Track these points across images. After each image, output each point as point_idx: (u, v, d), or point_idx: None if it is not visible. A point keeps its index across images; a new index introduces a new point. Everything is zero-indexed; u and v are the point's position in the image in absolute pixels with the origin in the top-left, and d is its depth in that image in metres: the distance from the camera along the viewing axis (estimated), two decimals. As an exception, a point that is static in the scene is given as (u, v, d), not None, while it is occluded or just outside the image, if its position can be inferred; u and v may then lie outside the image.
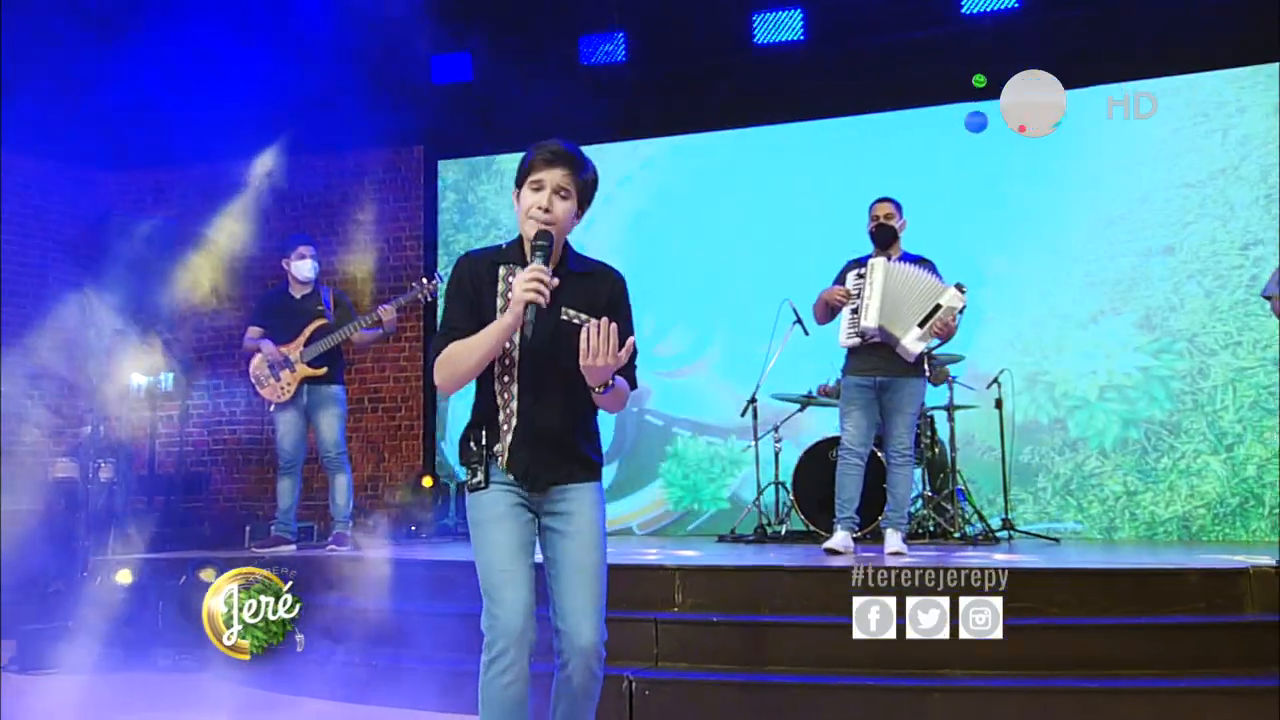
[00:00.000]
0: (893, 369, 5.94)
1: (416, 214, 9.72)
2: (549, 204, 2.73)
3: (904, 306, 5.83)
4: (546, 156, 2.74)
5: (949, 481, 7.21)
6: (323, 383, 6.76)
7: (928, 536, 7.01)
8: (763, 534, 7.46)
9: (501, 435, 2.81)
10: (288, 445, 6.80)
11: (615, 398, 2.77)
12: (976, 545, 6.73)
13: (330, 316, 6.77)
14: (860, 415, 5.99)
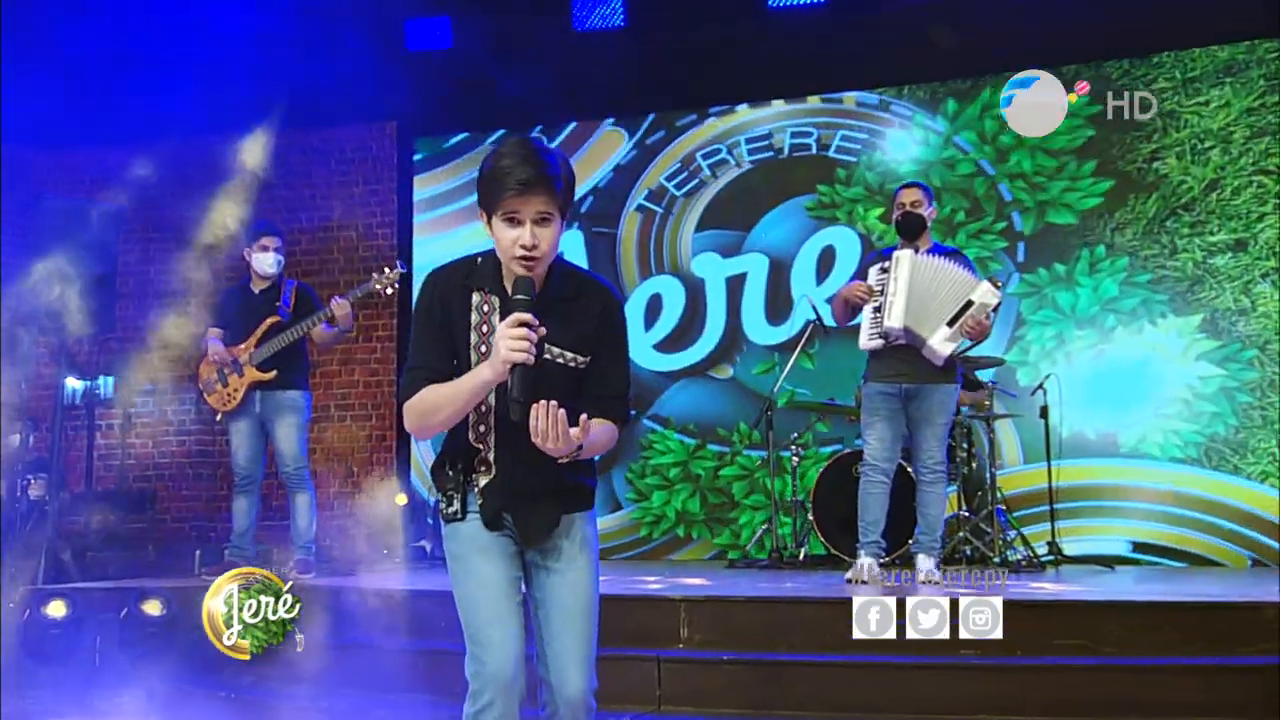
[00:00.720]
0: (920, 374, 5.92)
1: (389, 198, 9.75)
2: (532, 239, 2.63)
3: (932, 304, 5.82)
4: (517, 187, 2.60)
5: (987, 500, 7.18)
6: (276, 388, 6.71)
7: (964, 562, 7.02)
8: (778, 559, 7.47)
9: (478, 475, 2.79)
10: (242, 459, 6.78)
11: (586, 452, 2.70)
12: (1019, 572, 6.73)
13: (286, 314, 6.73)
14: (885, 427, 5.98)
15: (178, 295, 9.65)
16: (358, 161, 9.80)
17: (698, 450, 9.03)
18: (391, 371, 9.59)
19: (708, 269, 9.24)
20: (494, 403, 2.71)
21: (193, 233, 8.97)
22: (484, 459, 2.75)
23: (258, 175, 9.32)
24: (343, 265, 9.69)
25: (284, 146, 9.58)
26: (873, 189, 8.89)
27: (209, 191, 9.07)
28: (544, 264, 2.66)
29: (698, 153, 9.35)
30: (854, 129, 9.02)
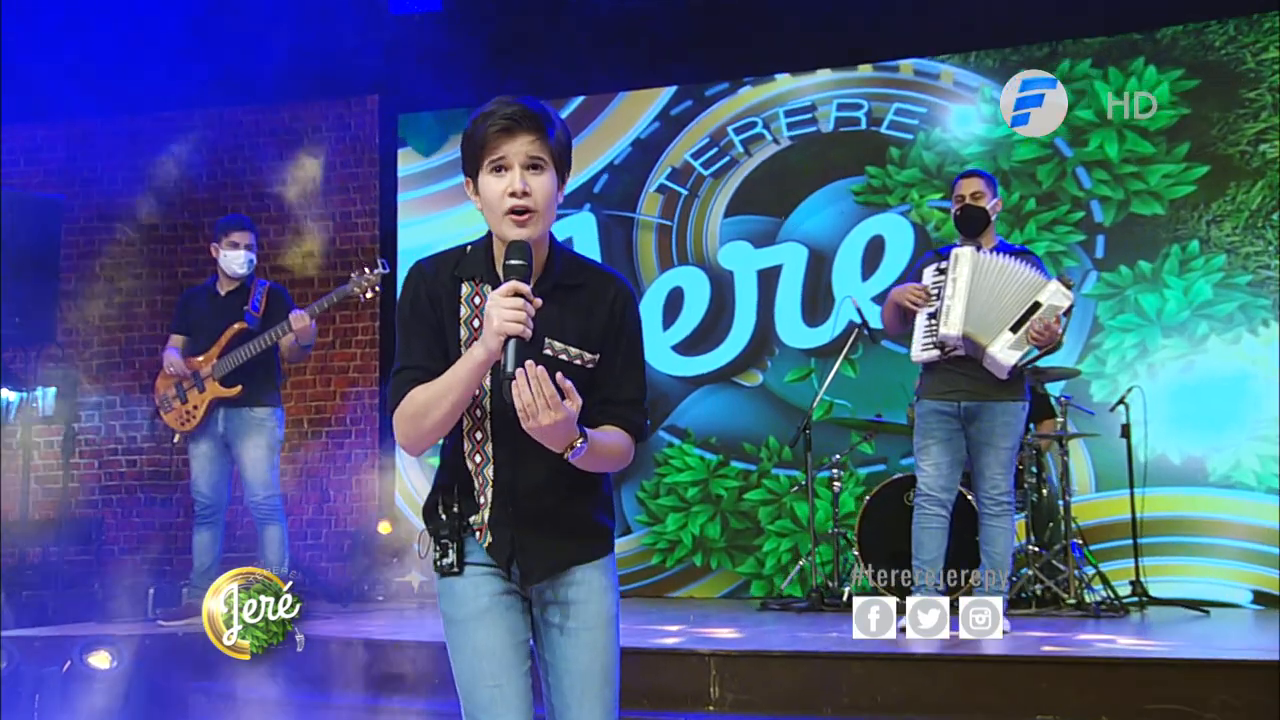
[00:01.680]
0: (983, 390, 5.92)
1: (371, 183, 9.80)
2: (523, 184, 2.64)
3: (995, 308, 5.81)
4: (502, 123, 2.64)
5: (1060, 532, 7.17)
6: (242, 404, 6.70)
7: (1034, 605, 6.99)
8: (818, 599, 7.43)
9: (478, 506, 2.76)
10: (204, 486, 6.78)
11: (596, 457, 2.64)
12: (1099, 617, 6.71)
13: (253, 320, 6.73)
14: (941, 451, 5.98)
15: (129, 295, 9.73)
16: (334, 140, 9.83)
17: (719, 468, 9.04)
18: (374, 380, 9.61)
19: (737, 260, 9.23)
20: (490, 406, 2.70)
21: (146, 224, 9.13)
22: (482, 476, 2.74)
23: (220, 158, 9.51)
24: (317, 259, 9.68)
25: (250, 124, 9.76)
26: (930, 171, 8.84)
27: (164, 177, 9.21)
28: (540, 222, 2.65)
29: (729, 126, 9.32)
30: (911, 102, 8.96)
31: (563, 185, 2.73)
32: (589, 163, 9.40)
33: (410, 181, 9.87)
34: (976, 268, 5.86)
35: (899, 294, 6.05)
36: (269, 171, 9.77)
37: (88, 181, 9.40)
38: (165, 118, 9.29)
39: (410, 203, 9.87)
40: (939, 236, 8.51)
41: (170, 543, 9.44)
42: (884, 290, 8.30)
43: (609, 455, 2.68)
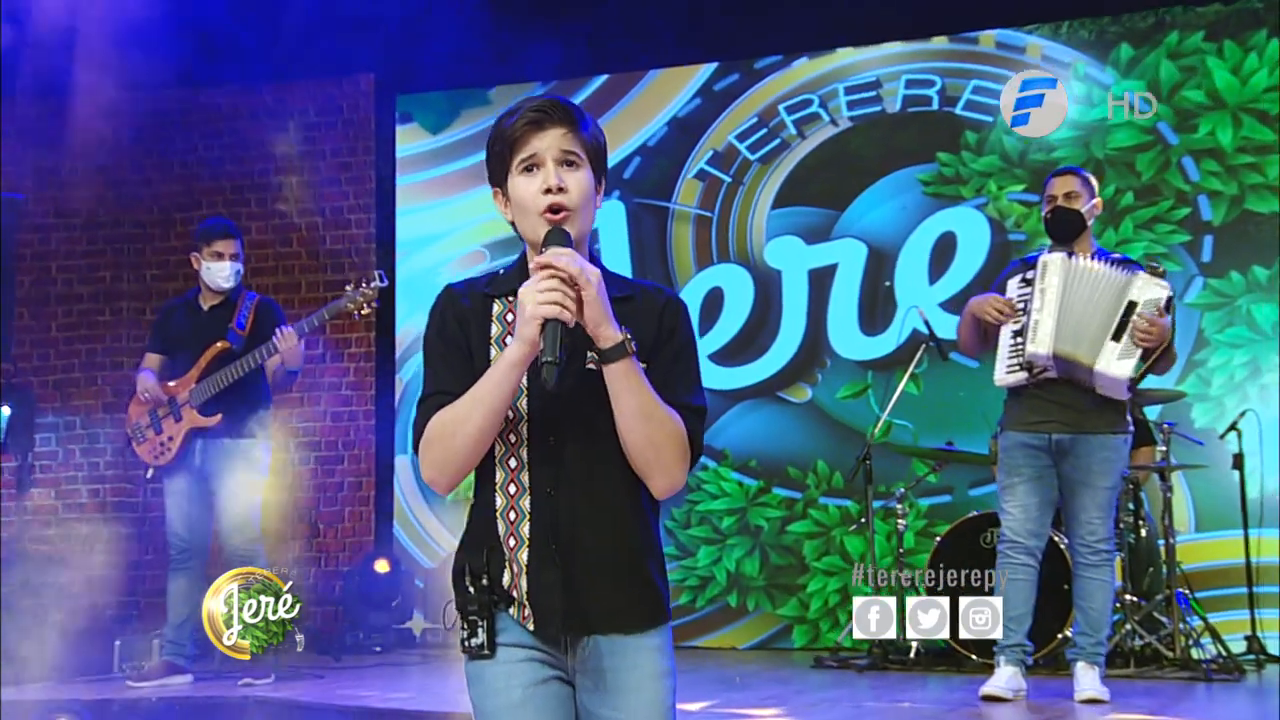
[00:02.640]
0: (1078, 420, 5.82)
1: (366, 174, 9.66)
2: (558, 179, 2.64)
3: (1090, 320, 5.75)
4: (531, 116, 2.67)
5: (1162, 579, 7.02)
6: (223, 434, 6.62)
7: (1132, 663, 6.83)
8: (882, 656, 7.23)
9: (511, 555, 2.70)
10: (182, 527, 6.70)
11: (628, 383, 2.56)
12: (1211, 680, 6.48)
13: (238, 338, 6.67)
14: (1029, 490, 5.87)
15: (90, 302, 9.61)
16: (325, 127, 9.68)
17: (760, 495, 8.85)
18: (369, 400, 9.46)
19: (786, 258, 8.97)
20: (527, 432, 2.66)
21: (109, 221, 9.04)
22: (518, 508, 2.69)
23: (193, 145, 9.44)
24: (305, 263, 9.55)
25: (227, 106, 9.61)
26: (1011, 159, 8.54)
27: (132, 172, 9.10)
28: (578, 222, 2.65)
29: (781, 104, 9.06)
30: (991, 79, 8.59)
31: (600, 188, 2.73)
32: (618, 144, 9.16)
33: (411, 164, 9.72)
34: (1069, 277, 5.77)
35: (978, 306, 5.97)
36: (248, 161, 9.65)
37: (41, 172, 9.21)
38: (130, 99, 8.97)
39: (411, 188, 9.72)
40: (1020, 232, 8.38)
41: (138, 584, 9.33)
42: (954, 295, 8.30)
43: (662, 413, 2.59)
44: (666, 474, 2.65)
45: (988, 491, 7.94)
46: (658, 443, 2.62)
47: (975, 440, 7.65)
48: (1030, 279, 5.85)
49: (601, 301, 2.52)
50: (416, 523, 9.35)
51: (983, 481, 8.05)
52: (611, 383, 2.57)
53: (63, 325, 9.65)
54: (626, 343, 2.54)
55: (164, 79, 8.32)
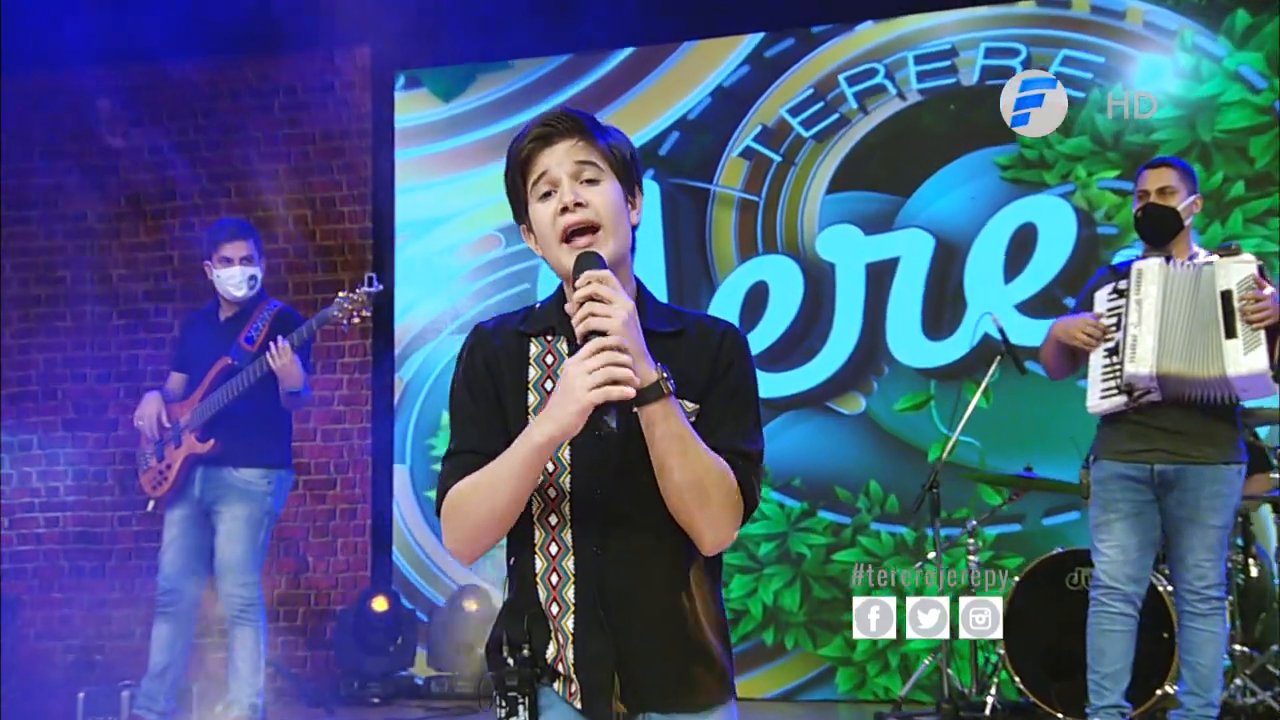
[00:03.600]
0: (1185, 447, 5.68)
1: (360, 159, 9.44)
2: (575, 195, 2.64)
3: (1197, 330, 5.64)
4: (537, 133, 2.69)
5: (1276, 626, 6.87)
6: (223, 462, 6.51)
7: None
8: (953, 713, 7.07)
9: (555, 623, 2.71)
10: (170, 566, 6.55)
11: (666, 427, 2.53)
12: None
13: (242, 355, 6.54)
14: (1128, 530, 5.74)
15: (49, 305, 9.38)
16: (314, 106, 9.46)
17: (803, 519, 8.56)
18: (364, 416, 9.25)
19: (842, 249, 8.70)
20: (570, 485, 2.68)
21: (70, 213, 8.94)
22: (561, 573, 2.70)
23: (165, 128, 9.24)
24: (292, 260, 9.29)
25: (203, 84, 9.47)
26: (1104, 141, 8.24)
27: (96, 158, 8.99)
28: (609, 240, 2.66)
29: (841, 74, 8.80)
30: (1084, 48, 8.37)
31: (634, 202, 2.74)
32: (654, 117, 8.97)
33: (416, 135, 9.48)
34: (1168, 285, 5.67)
35: (1065, 330, 5.88)
36: (227, 144, 9.45)
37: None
38: (94, 75, 8.95)
39: (414, 163, 9.48)
40: (1111, 225, 8.13)
41: (104, 627, 9.09)
42: (1032, 296, 8.11)
43: (706, 461, 2.58)
44: (713, 529, 2.62)
45: (1065, 521, 7.82)
46: (702, 494, 2.60)
47: (1056, 464, 7.38)
48: (1123, 289, 5.76)
49: (634, 334, 2.51)
50: (421, 553, 9.18)
51: (1059, 509, 7.88)
52: (647, 428, 2.56)
53: (17, 331, 9.50)
54: (662, 382, 2.53)
55: (131, 51, 8.27)
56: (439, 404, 8.86)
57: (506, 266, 8.97)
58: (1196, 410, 5.64)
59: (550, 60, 9.02)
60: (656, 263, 8.69)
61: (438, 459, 9.02)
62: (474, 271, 9.03)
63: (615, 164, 2.69)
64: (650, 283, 2.83)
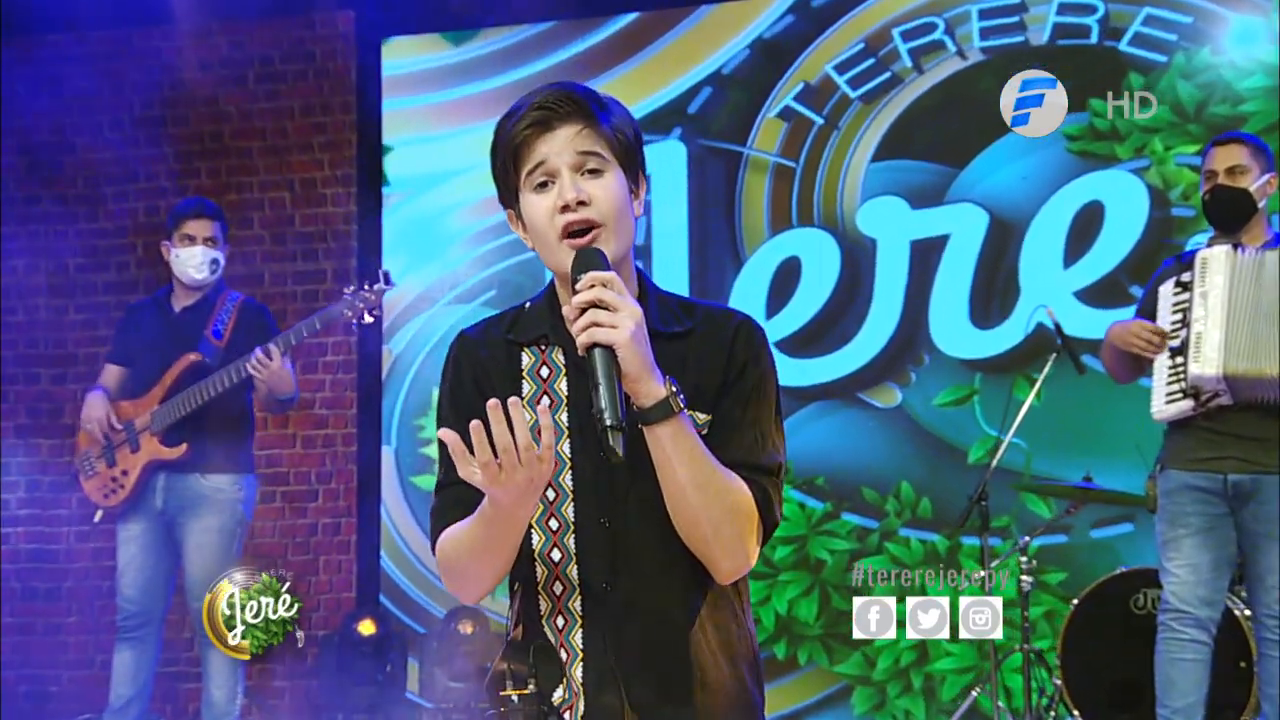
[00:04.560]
0: (1262, 455, 5.59)
1: (344, 137, 9.21)
2: (575, 191, 2.58)
3: (1269, 324, 5.53)
4: (534, 117, 2.62)
5: None
6: (190, 469, 6.44)
7: None
8: None
9: (566, 672, 2.69)
10: (132, 587, 6.47)
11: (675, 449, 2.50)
12: None
13: (212, 349, 6.48)
14: (1198, 547, 5.64)
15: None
16: (293, 77, 9.23)
17: (825, 521, 8.38)
18: (349, 421, 9.04)
19: (885, 224, 8.51)
20: (573, 515, 2.65)
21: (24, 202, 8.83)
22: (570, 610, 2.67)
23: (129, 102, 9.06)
24: (270, 249, 9.05)
25: (170, 53, 9.24)
26: (1185, 112, 8.01)
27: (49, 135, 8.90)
28: (611, 239, 2.62)
29: (895, 28, 8.59)
30: (1170, 6, 8.16)
31: (638, 192, 2.70)
32: (684, 70, 8.80)
33: (416, 82, 9.26)
34: (1235, 275, 5.58)
35: (1121, 336, 5.80)
36: (197, 121, 9.26)
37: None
38: (49, 43, 8.92)
39: (413, 113, 9.26)
40: (1186, 210, 7.95)
41: (59, 655, 8.90)
42: (1093, 284, 8.03)
43: (720, 483, 2.54)
44: (729, 556, 2.59)
45: (1117, 534, 7.74)
46: (715, 519, 2.56)
47: (1115, 472, 7.28)
48: (1186, 281, 5.70)
49: (641, 348, 2.47)
50: (416, 561, 8.98)
51: (1109, 521, 7.76)
52: (655, 449, 2.52)
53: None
54: (672, 399, 2.49)
55: (90, 19, 8.33)
56: (430, 380, 8.76)
57: (511, 231, 8.57)
58: (1275, 414, 5.56)
59: (569, 6, 8.92)
60: (679, 232, 8.55)
61: (427, 441, 8.86)
62: (474, 237, 8.89)
63: (619, 150, 2.65)
64: (671, 254, 2.73)
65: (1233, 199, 5.67)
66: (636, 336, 2.47)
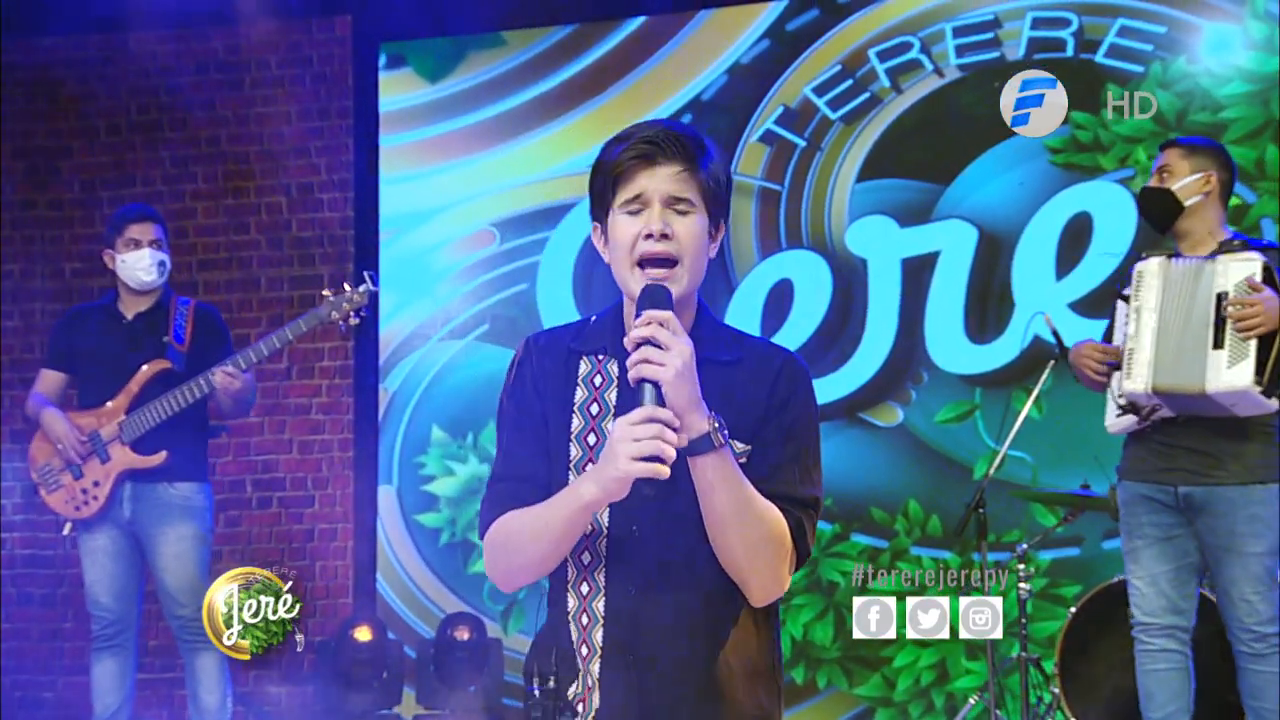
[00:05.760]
0: (1210, 466, 5.62)
1: (341, 143, 9.34)
2: (663, 224, 2.78)
3: (1188, 335, 5.59)
4: (641, 149, 2.81)
5: None
6: (157, 479, 6.49)
7: None
8: None
9: (584, 665, 2.86)
10: (107, 595, 6.54)
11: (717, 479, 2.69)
12: None
13: (178, 356, 6.53)
14: (1157, 557, 5.74)
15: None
16: (290, 81, 9.36)
17: (835, 543, 8.50)
18: (346, 425, 9.14)
19: (874, 243, 8.64)
20: (606, 522, 2.83)
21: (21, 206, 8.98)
22: (591, 613, 2.83)
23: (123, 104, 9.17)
24: (265, 253, 9.18)
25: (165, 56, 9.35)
26: (1166, 120, 8.10)
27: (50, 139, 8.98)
28: (685, 278, 2.83)
29: (871, 49, 8.71)
30: (1143, 17, 8.25)
31: (716, 237, 2.89)
32: (664, 97, 8.90)
33: (400, 120, 9.41)
34: (1168, 286, 5.64)
35: (1075, 360, 5.97)
36: (193, 125, 9.36)
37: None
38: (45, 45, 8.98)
39: (400, 151, 9.42)
40: None
41: (54, 660, 8.99)
42: (1087, 294, 8.12)
43: (757, 512, 2.72)
44: (761, 580, 2.74)
45: None
46: (751, 546, 2.71)
47: None
48: (1128, 295, 5.80)
49: (689, 385, 2.62)
50: (407, 579, 9.11)
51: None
52: (697, 477, 2.66)
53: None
54: (714, 434, 2.63)
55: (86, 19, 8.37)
56: (428, 418, 8.88)
57: (502, 265, 8.94)
58: (1226, 425, 5.57)
59: (548, 35, 8.99)
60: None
61: (428, 478, 9.01)
62: (466, 271, 9.00)
63: (708, 196, 2.82)
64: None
65: (1155, 199, 5.75)
66: (682, 374, 2.63)
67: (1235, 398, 5.44)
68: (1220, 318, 5.53)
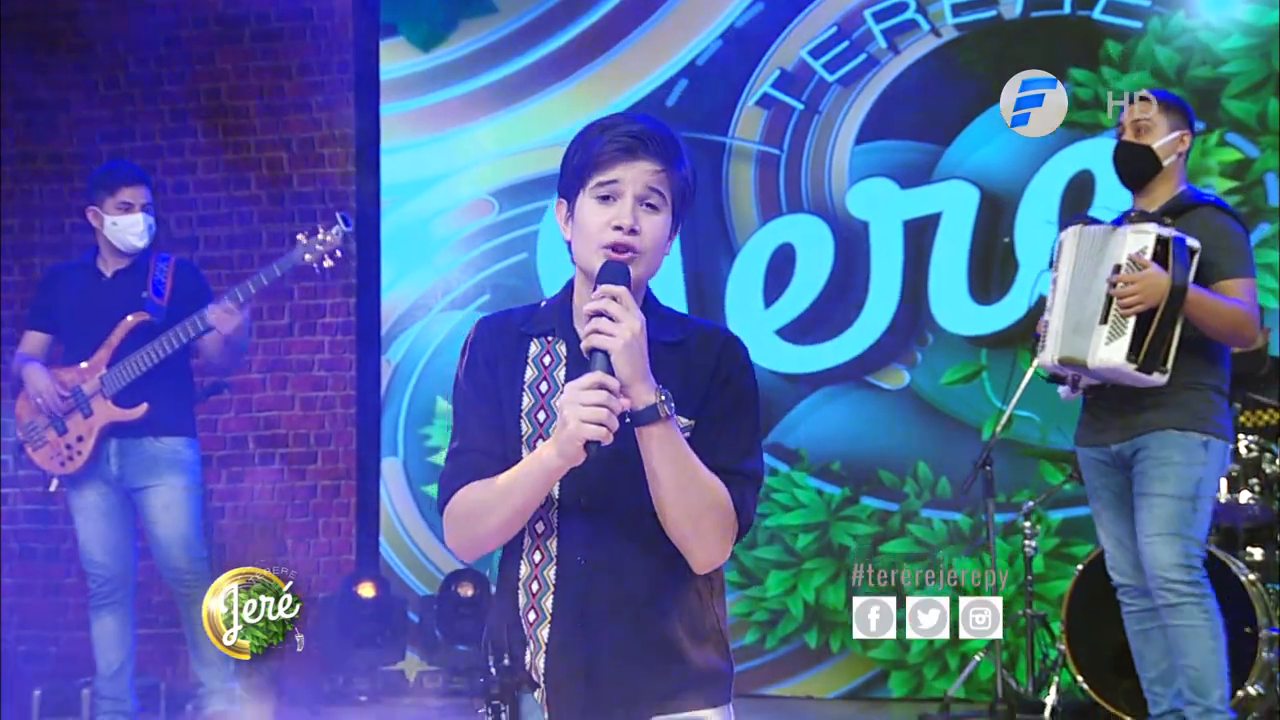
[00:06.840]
0: (1135, 421, 5.71)
1: (343, 98, 9.42)
2: (633, 219, 2.90)
3: (1088, 306, 5.67)
4: (625, 141, 2.91)
5: None
6: (145, 432, 6.56)
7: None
8: (1008, 714, 7.11)
9: (530, 630, 2.98)
10: (101, 552, 6.64)
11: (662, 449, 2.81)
12: None
13: (157, 308, 6.60)
14: (1114, 518, 5.88)
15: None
16: (290, 36, 9.44)
17: (845, 507, 8.62)
18: (348, 383, 9.26)
19: (875, 205, 8.75)
20: (559, 494, 2.95)
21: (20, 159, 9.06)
22: (542, 580, 2.96)
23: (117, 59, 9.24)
24: (266, 209, 9.30)
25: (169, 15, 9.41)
26: (1166, 76, 8.20)
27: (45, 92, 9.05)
28: (641, 267, 2.95)
29: (867, 9, 8.79)
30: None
31: (674, 234, 3.01)
32: (659, 63, 9.01)
33: (397, 89, 9.51)
34: (1079, 255, 5.73)
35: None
36: (194, 79, 9.43)
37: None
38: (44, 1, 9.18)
39: (398, 120, 9.52)
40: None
41: (59, 616, 9.06)
42: None
43: (701, 482, 2.86)
44: (704, 549, 2.87)
45: None
46: (695, 515, 2.83)
47: None
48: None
49: (638, 356, 2.74)
50: (408, 537, 9.22)
51: None
52: (644, 447, 2.79)
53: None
54: (660, 405, 2.75)
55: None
56: (432, 389, 8.99)
57: (501, 234, 9.06)
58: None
59: (540, 2, 9.05)
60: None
61: (434, 449, 9.13)
62: (465, 240, 9.11)
63: (676, 197, 2.93)
64: (662, 250, 3.09)
65: (1134, 155, 5.74)
66: (631, 346, 2.75)
67: (1113, 374, 5.57)
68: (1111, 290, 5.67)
